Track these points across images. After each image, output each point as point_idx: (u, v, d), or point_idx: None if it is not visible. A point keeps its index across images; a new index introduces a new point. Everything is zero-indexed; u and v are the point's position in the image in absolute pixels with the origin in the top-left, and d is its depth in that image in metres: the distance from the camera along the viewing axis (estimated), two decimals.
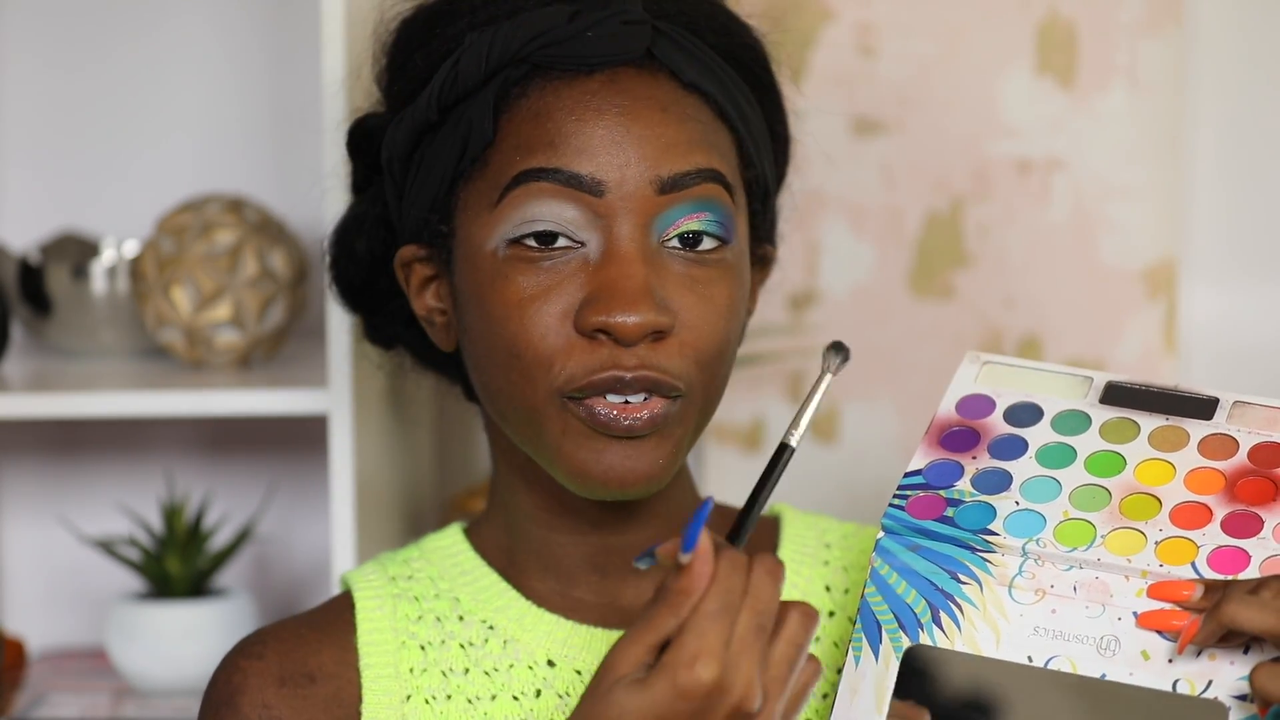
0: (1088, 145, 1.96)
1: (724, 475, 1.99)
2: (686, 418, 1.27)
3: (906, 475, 1.25)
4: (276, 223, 1.94)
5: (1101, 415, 1.26)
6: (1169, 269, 1.96)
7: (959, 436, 1.26)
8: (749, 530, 1.20)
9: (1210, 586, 1.16)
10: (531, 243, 1.24)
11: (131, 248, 2.04)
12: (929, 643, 1.19)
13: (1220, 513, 1.20)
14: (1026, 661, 1.18)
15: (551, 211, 1.24)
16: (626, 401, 1.24)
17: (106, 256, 2.04)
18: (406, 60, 1.32)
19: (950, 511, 1.22)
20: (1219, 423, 1.25)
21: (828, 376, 1.21)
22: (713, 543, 1.14)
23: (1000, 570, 1.20)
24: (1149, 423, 1.25)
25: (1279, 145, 2.00)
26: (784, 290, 1.97)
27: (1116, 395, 1.27)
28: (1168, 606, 1.17)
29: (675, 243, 1.26)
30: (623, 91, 1.26)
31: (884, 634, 1.20)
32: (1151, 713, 1.16)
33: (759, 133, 1.32)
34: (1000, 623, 1.19)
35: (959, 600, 1.20)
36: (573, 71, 1.26)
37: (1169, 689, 1.16)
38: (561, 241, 1.24)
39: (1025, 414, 1.27)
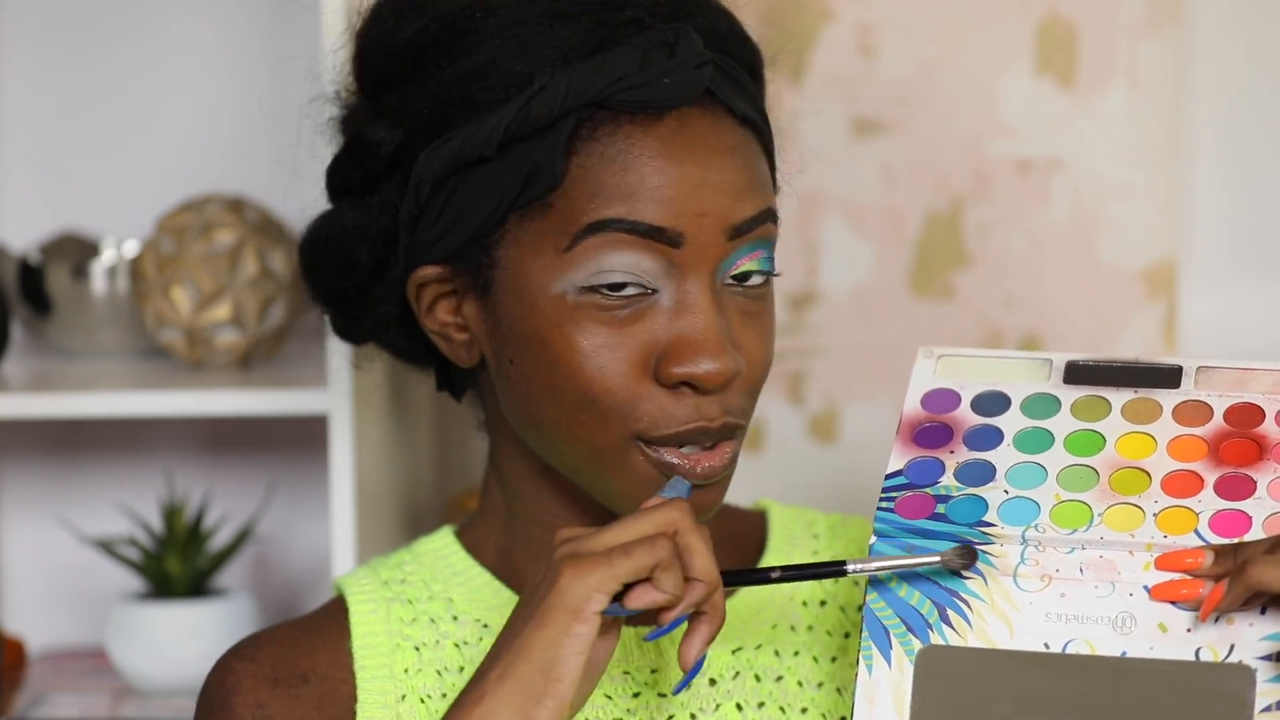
0: (1088, 145, 1.96)
1: None
2: (739, 447, 1.29)
3: (888, 477, 1.24)
4: (276, 223, 1.94)
5: (1069, 395, 1.25)
6: (1169, 269, 1.96)
7: (931, 432, 1.26)
8: (743, 582, 1.24)
9: (1220, 551, 1.16)
10: (607, 291, 1.25)
11: (131, 248, 2.04)
12: (941, 642, 1.18)
13: (1211, 478, 1.20)
14: (1044, 649, 1.17)
15: (629, 263, 1.24)
16: (701, 449, 1.26)
17: (106, 256, 2.04)
18: (428, 75, 1.29)
19: (941, 508, 1.22)
20: (1188, 389, 1.24)
21: (937, 561, 1.20)
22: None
23: (1002, 560, 1.19)
24: (1118, 398, 1.24)
25: (1279, 145, 2.00)
26: (784, 290, 1.97)
27: (1079, 374, 1.26)
28: (1179, 576, 1.17)
29: (730, 280, 1.27)
30: (695, 136, 1.26)
31: (893, 639, 1.19)
32: (1176, 684, 1.15)
33: (773, 145, 1.34)
34: (1011, 613, 1.18)
35: (964, 596, 1.19)
36: (642, 113, 1.26)
37: (1192, 658, 1.15)
38: (635, 290, 1.25)
39: (993, 403, 1.26)
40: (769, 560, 1.38)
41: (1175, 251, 1.97)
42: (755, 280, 1.27)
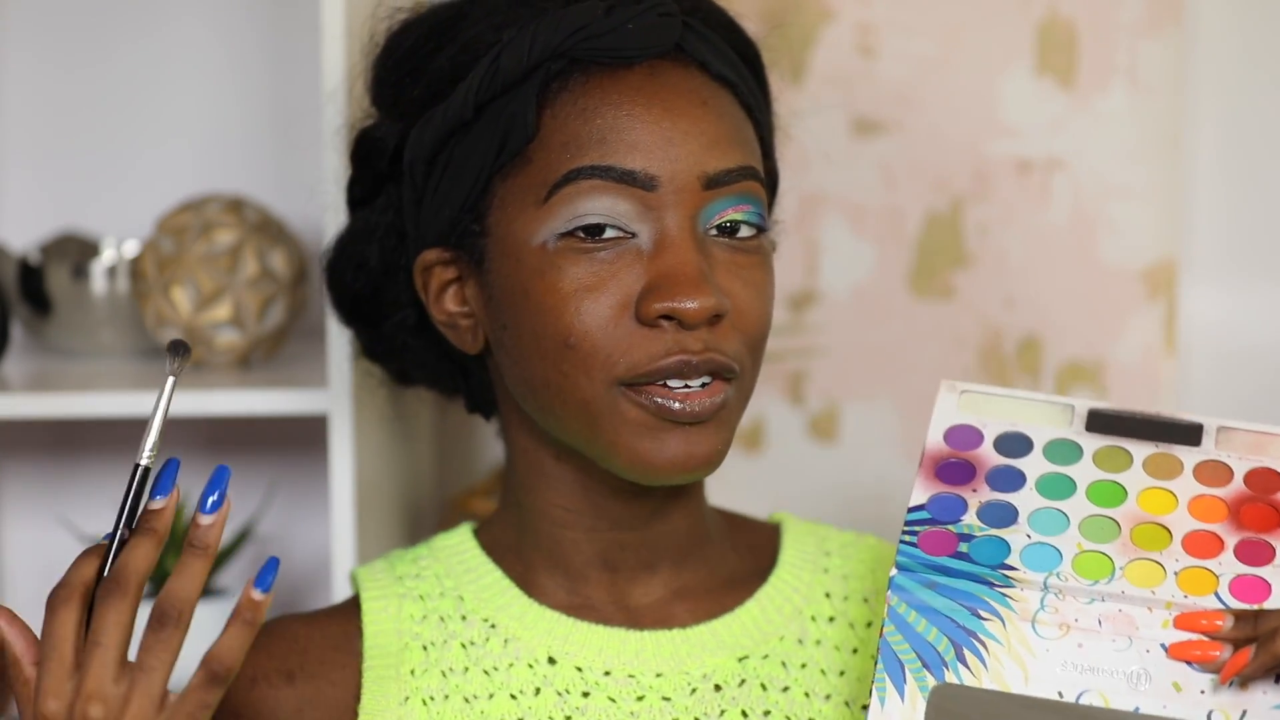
0: (1088, 145, 1.96)
1: (724, 475, 1.99)
2: (738, 400, 1.29)
3: (911, 510, 1.24)
4: (276, 223, 1.94)
5: (1091, 444, 1.26)
6: (1169, 269, 1.96)
7: (954, 468, 1.26)
8: (112, 555, 1.19)
9: (1240, 616, 1.17)
10: (584, 235, 1.25)
11: (131, 248, 2.04)
12: (955, 681, 1.19)
13: (1231, 541, 1.21)
14: (1058, 697, 1.17)
15: (605, 206, 1.26)
16: (687, 386, 1.26)
17: (106, 256, 2.03)
18: (422, 65, 1.32)
19: (964, 547, 1.22)
20: (1208, 449, 1.26)
21: (170, 380, 1.19)
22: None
23: (1022, 605, 1.20)
24: (1140, 451, 1.26)
25: (1279, 145, 2.00)
26: (784, 290, 1.97)
27: (1100, 422, 1.27)
28: (1197, 637, 1.17)
29: (716, 232, 1.28)
30: (665, 85, 1.28)
31: (908, 673, 1.19)
32: None
33: (769, 127, 1.35)
34: (1027, 659, 1.18)
35: (982, 637, 1.19)
36: (612, 64, 1.27)
37: None
38: (613, 233, 1.26)
39: (1015, 444, 1.27)
40: (781, 572, 1.38)
41: (1175, 251, 1.97)
42: (744, 232, 1.28)
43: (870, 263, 1.98)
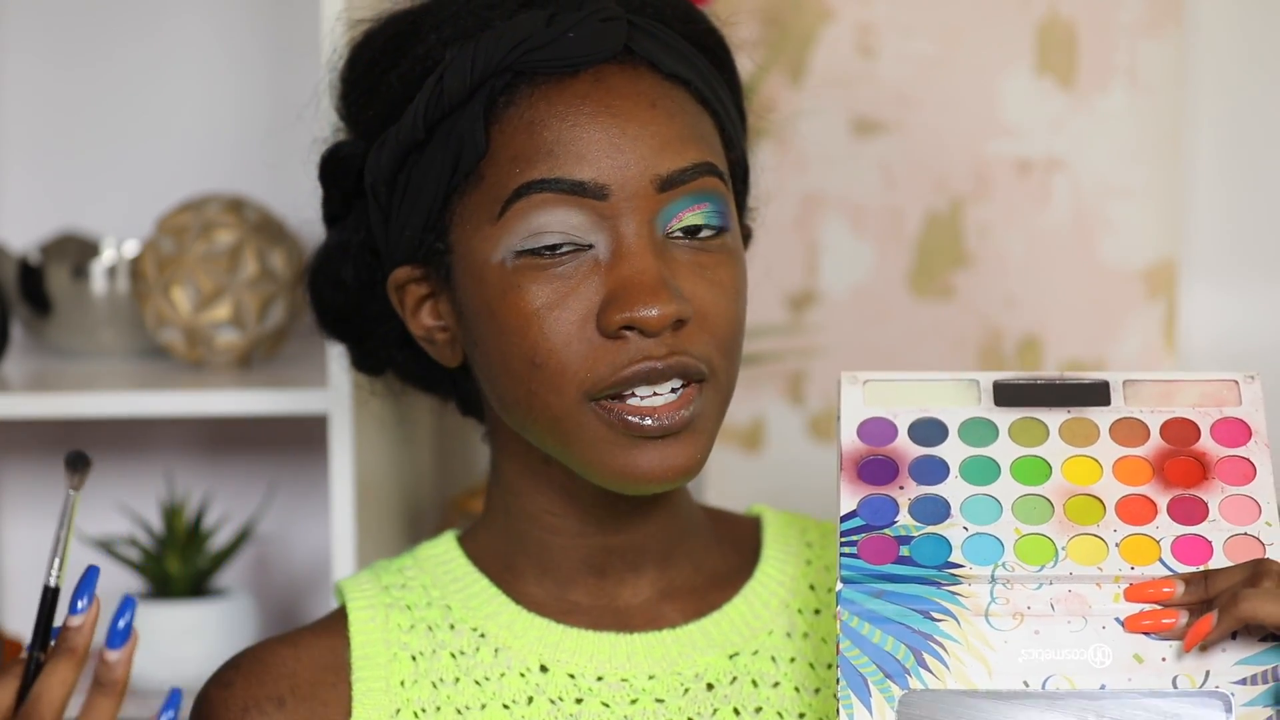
0: (1088, 145, 1.96)
1: (724, 475, 2.00)
2: (713, 404, 1.28)
3: (844, 519, 1.22)
4: (276, 223, 1.94)
5: (1004, 419, 1.25)
6: (1169, 269, 1.96)
7: (876, 466, 1.24)
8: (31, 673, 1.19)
9: (1189, 580, 1.17)
10: (541, 252, 1.25)
11: (131, 248, 2.04)
12: (920, 686, 1.17)
13: (1162, 502, 1.21)
14: (1023, 687, 1.17)
15: (557, 221, 1.25)
16: (655, 394, 1.25)
17: (106, 256, 2.04)
18: (377, 83, 1.31)
19: (905, 550, 1.20)
20: (1119, 406, 1.25)
21: (71, 494, 1.19)
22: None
23: (973, 601, 1.18)
24: (1053, 419, 1.24)
25: (1279, 145, 2.00)
26: (784, 290, 1.97)
27: (1008, 394, 1.26)
28: (1150, 607, 1.17)
29: (678, 234, 1.26)
30: (611, 90, 1.26)
31: (871, 686, 1.18)
32: (1156, 713, 1.16)
33: (734, 114, 1.34)
34: (987, 653, 1.18)
35: (939, 639, 1.18)
36: (558, 74, 1.26)
37: (1170, 687, 1.16)
38: (569, 247, 1.25)
39: (930, 431, 1.25)
40: (766, 566, 1.38)
41: (1175, 251, 1.97)
42: (705, 234, 1.27)
43: (870, 263, 1.98)
